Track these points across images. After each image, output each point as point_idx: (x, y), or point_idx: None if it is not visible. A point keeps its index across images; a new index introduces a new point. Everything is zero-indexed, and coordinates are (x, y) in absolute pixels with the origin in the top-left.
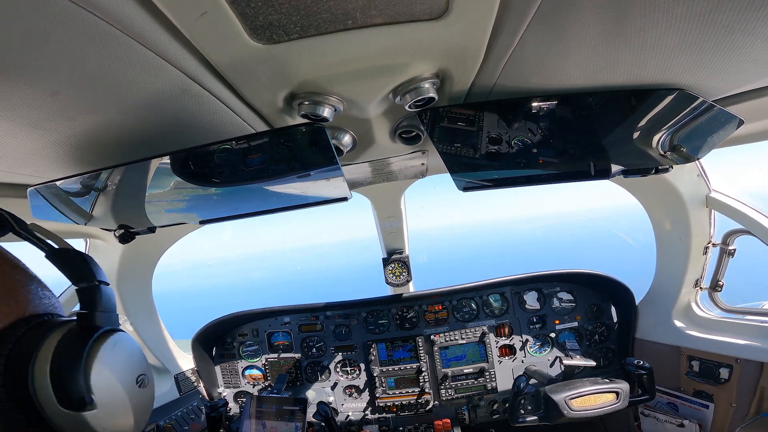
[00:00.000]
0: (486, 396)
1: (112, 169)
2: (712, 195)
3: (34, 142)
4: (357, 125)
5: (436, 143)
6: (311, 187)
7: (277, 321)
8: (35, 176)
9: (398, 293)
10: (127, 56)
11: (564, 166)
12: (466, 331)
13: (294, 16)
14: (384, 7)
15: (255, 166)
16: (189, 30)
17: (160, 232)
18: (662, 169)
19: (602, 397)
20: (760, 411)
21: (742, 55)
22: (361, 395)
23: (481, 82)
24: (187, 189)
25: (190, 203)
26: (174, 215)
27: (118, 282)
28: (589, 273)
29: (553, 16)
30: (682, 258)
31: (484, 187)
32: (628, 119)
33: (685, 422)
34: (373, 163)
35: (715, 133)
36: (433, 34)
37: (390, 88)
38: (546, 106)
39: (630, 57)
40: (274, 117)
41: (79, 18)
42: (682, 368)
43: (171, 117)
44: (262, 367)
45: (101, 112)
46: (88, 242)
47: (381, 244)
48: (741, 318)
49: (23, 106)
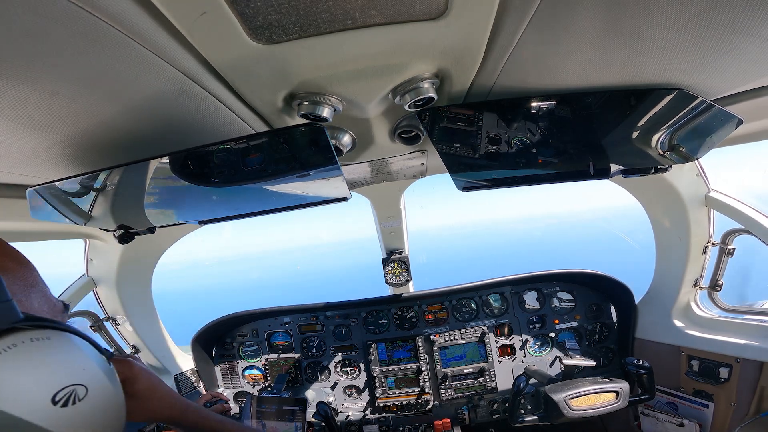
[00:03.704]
0: (486, 396)
1: (112, 170)
2: (711, 194)
3: (34, 142)
4: (356, 125)
5: (436, 143)
6: (311, 187)
7: (277, 321)
8: (34, 177)
9: (398, 293)
10: (127, 56)
11: (563, 166)
12: (466, 331)
13: (293, 16)
14: (383, 7)
15: (254, 166)
16: (188, 30)
17: (160, 232)
18: (661, 169)
19: (602, 396)
20: (760, 410)
21: (741, 55)
22: (361, 395)
23: (480, 81)
24: (187, 189)
25: (190, 203)
26: (173, 215)
27: (118, 282)
28: (588, 273)
29: (552, 16)
30: (682, 257)
31: (484, 186)
32: (627, 119)
33: (685, 422)
34: (372, 163)
35: (715, 133)
36: (433, 34)
37: (389, 88)
38: (545, 106)
39: (629, 57)
40: (274, 117)
41: (78, 18)
42: (681, 368)
43: (170, 117)
44: (261, 367)
45: (101, 113)
46: (87, 243)
47: (381, 244)
48: (741, 317)
49: (23, 106)
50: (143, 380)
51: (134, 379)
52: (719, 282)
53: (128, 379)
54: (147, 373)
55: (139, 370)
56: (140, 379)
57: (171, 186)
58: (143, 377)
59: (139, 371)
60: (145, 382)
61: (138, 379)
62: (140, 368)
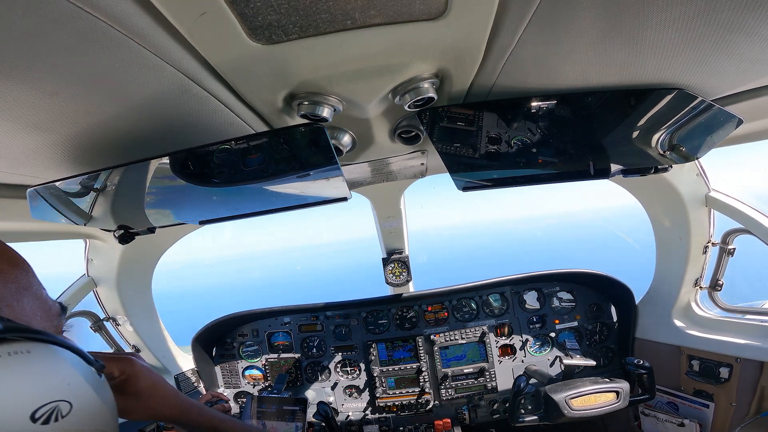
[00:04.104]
0: (486, 396)
1: (112, 170)
2: (711, 194)
3: (34, 142)
4: (356, 125)
5: (436, 143)
6: (311, 187)
7: (277, 321)
8: (34, 177)
9: (398, 293)
10: (126, 57)
11: (564, 166)
12: (466, 331)
13: (293, 16)
14: (383, 7)
15: (254, 166)
16: (188, 30)
17: (160, 232)
18: (661, 169)
19: (602, 396)
20: (761, 410)
21: (741, 55)
22: (361, 395)
23: (480, 81)
24: (187, 189)
25: (190, 204)
26: (173, 215)
27: (118, 282)
28: (588, 272)
29: (552, 16)
30: (682, 257)
31: (484, 186)
32: (627, 119)
33: (685, 422)
34: (372, 163)
35: (715, 133)
36: (432, 34)
37: (389, 88)
38: (545, 106)
39: (629, 57)
40: (274, 117)
41: (78, 18)
42: (682, 368)
43: (170, 117)
44: (262, 367)
45: (101, 113)
46: (87, 243)
47: (381, 244)
48: (741, 317)
49: (23, 107)
50: (145, 378)
51: (136, 378)
52: (719, 282)
53: (130, 377)
54: (149, 372)
55: (140, 368)
56: (142, 377)
57: (171, 186)
58: (145, 375)
59: (140, 369)
60: (147, 380)
61: (139, 378)
62: (142, 366)
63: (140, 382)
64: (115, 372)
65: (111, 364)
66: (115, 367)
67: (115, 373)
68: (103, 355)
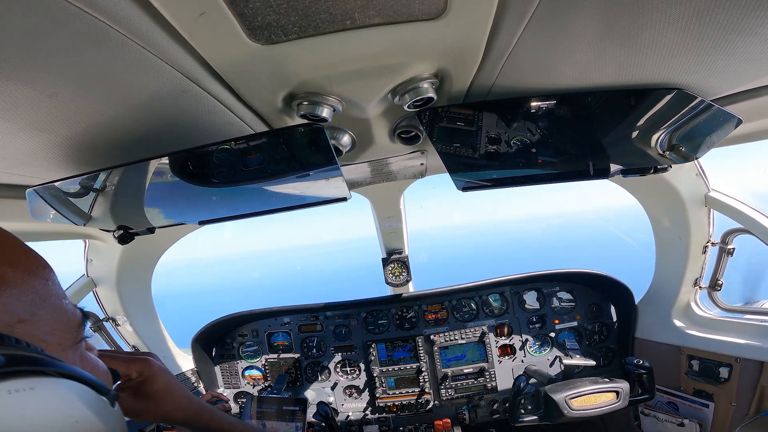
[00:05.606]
0: (486, 396)
1: (111, 170)
2: (711, 194)
3: (33, 142)
4: (356, 125)
5: (435, 143)
6: (310, 187)
7: (277, 321)
8: (34, 177)
9: (398, 293)
10: (126, 57)
11: (563, 166)
12: (466, 331)
13: (292, 16)
14: (382, 7)
15: (254, 166)
16: (187, 30)
17: (160, 232)
18: (661, 169)
19: (602, 396)
20: (760, 410)
21: (741, 55)
22: (361, 395)
23: (479, 81)
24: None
25: (190, 204)
26: (173, 216)
27: (118, 282)
28: (588, 272)
29: (552, 16)
30: (682, 257)
31: (484, 186)
32: (626, 119)
33: (685, 421)
34: (372, 163)
35: (714, 133)
36: (432, 34)
37: (389, 88)
38: (545, 106)
39: (628, 57)
40: (273, 117)
41: (77, 19)
42: (682, 367)
43: (170, 117)
44: (261, 367)
45: (100, 113)
46: (87, 243)
47: (380, 244)
48: (741, 317)
49: (22, 107)
50: (161, 380)
51: (152, 379)
52: (719, 282)
53: (147, 378)
54: (165, 373)
55: (158, 369)
56: (158, 379)
57: (171, 186)
58: (161, 377)
59: (158, 371)
60: (163, 382)
61: (156, 379)
62: (159, 368)
63: (156, 384)
64: (133, 374)
65: (129, 365)
66: (134, 368)
67: (133, 375)
68: (121, 356)
